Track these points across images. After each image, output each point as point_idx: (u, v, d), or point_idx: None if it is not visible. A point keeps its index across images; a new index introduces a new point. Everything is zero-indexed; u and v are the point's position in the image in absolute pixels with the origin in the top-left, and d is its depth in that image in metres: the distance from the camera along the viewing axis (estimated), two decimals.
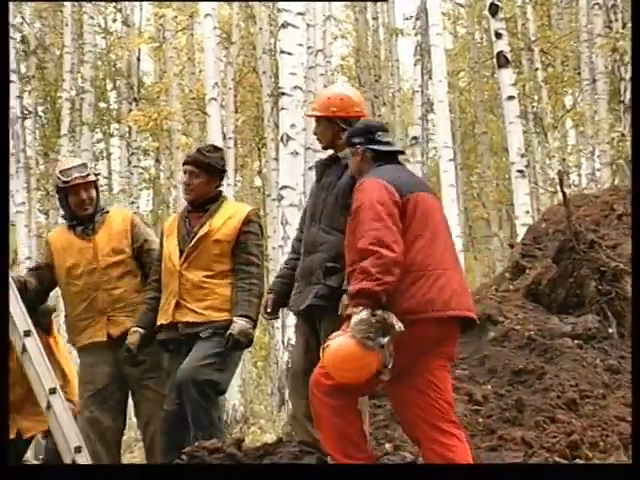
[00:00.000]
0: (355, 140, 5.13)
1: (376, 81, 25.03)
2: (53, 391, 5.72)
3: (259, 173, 26.65)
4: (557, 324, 7.47)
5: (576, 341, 7.21)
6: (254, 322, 5.75)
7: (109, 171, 26.46)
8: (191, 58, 22.90)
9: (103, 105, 24.97)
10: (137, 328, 5.83)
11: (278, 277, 5.67)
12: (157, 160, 26.33)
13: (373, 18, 25.52)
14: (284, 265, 5.79)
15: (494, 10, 15.05)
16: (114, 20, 24.78)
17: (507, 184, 23.07)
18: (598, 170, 19.29)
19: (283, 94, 10.15)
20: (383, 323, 4.54)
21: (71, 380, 6.66)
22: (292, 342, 6.97)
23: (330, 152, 5.58)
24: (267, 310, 5.55)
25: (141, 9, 24.82)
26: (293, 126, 9.94)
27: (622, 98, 16.04)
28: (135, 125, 21.24)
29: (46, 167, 23.47)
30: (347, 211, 5.14)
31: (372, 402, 6.31)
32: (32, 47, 22.92)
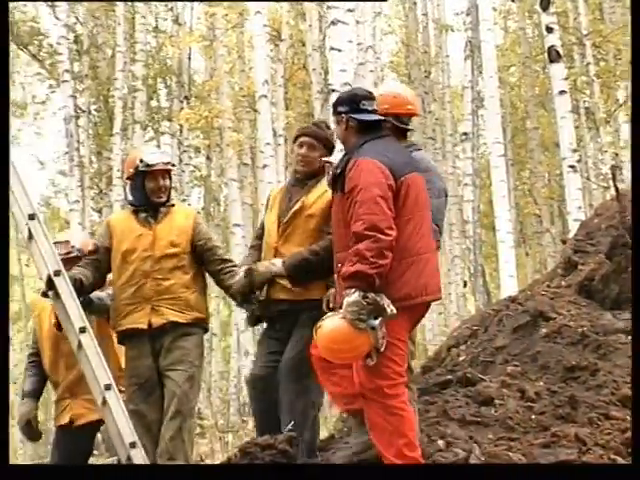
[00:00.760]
0: (340, 109, 5.18)
1: (426, 77, 24.94)
2: (108, 387, 5.78)
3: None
4: (610, 320, 7.40)
5: (630, 337, 7.15)
6: None
7: None
8: (241, 56, 22.95)
9: (154, 103, 25.15)
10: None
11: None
12: (208, 158, 26.45)
13: (423, 14, 25.41)
14: None
15: (545, 4, 14.94)
16: (165, 19, 24.93)
17: (559, 180, 22.87)
18: None
19: (333, 91, 10.14)
20: (375, 305, 4.63)
21: None
22: None
23: None
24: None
25: (192, 8, 24.97)
26: None
27: None
28: (186, 123, 21.36)
29: (99, 165, 23.67)
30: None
31: (424, 399, 6.32)
32: (85, 47, 23.15)
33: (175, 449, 5.82)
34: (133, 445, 5.76)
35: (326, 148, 5.90)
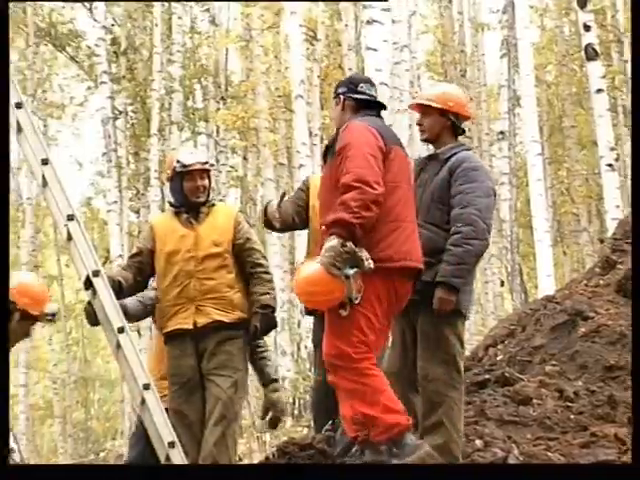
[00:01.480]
0: (339, 90, 5.27)
1: (462, 76, 24.83)
2: (147, 387, 5.82)
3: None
4: None
5: None
6: None
7: None
8: (277, 56, 23.00)
9: (191, 104, 25.24)
10: None
11: None
12: (244, 158, 26.49)
13: (459, 13, 25.28)
14: None
15: (583, 2, 14.86)
16: (202, 20, 25.03)
17: (596, 178, 22.73)
18: None
19: None
20: (352, 255, 4.65)
21: None
22: None
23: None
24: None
25: (228, 8, 25.04)
26: None
27: None
28: (223, 124, 21.43)
29: (137, 166, 23.81)
30: (443, 206, 5.20)
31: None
32: (123, 48, 23.29)
33: (219, 454, 5.82)
34: (172, 445, 5.79)
35: None
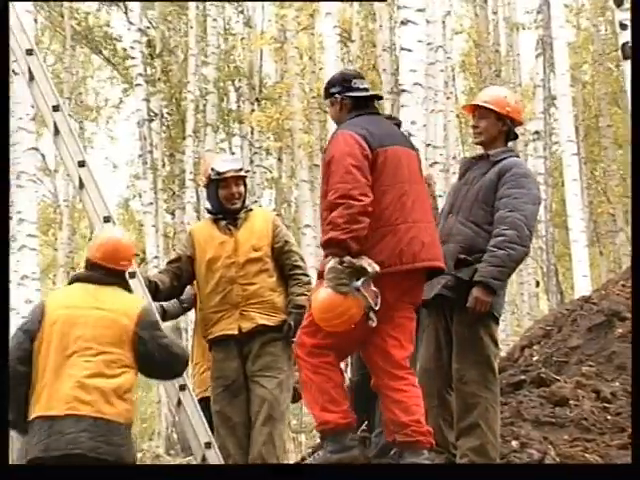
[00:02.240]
0: (333, 90, 5.26)
1: (497, 76, 24.74)
2: (183, 387, 5.86)
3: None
4: None
5: None
6: None
7: None
8: (312, 57, 23.04)
9: (225, 106, 25.33)
10: None
11: None
12: (279, 159, 26.56)
13: (493, 13, 25.21)
14: None
15: (619, 0, 14.75)
16: (236, 22, 25.10)
17: None
18: None
19: (403, 91, 10.14)
20: (353, 267, 4.69)
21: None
22: None
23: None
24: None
25: (263, 10, 25.11)
26: (413, 123, 9.91)
27: None
28: (257, 125, 21.48)
29: (172, 168, 23.92)
30: (487, 207, 5.19)
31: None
32: (158, 50, 23.41)
33: (268, 454, 5.84)
34: (208, 445, 5.82)
35: None
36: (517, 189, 5.24)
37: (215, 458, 5.78)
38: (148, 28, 23.94)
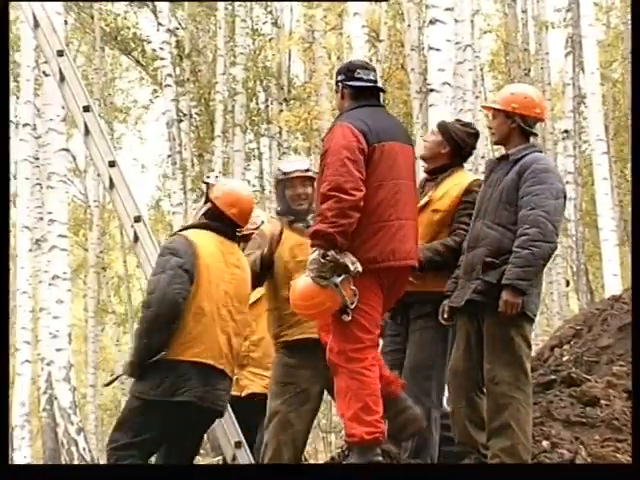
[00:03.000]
0: (338, 78, 5.32)
1: (526, 75, 24.62)
2: None
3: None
4: None
5: None
6: None
7: (260, 171, 26.84)
8: (340, 57, 23.02)
9: (254, 106, 25.38)
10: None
11: (452, 279, 5.58)
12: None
13: (522, 11, 25.08)
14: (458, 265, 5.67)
15: None
16: (264, 22, 25.15)
17: None
18: None
19: (432, 90, 10.12)
20: (336, 263, 4.76)
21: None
22: None
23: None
24: (444, 317, 5.49)
25: (291, 10, 25.14)
26: None
27: None
28: (285, 125, 21.50)
29: (201, 168, 23.99)
30: (511, 207, 5.18)
31: None
32: (187, 51, 23.49)
33: None
34: (239, 445, 5.85)
35: (452, 143, 5.92)
36: (537, 185, 5.20)
37: (245, 457, 5.80)
38: (177, 29, 24.05)
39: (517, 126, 5.43)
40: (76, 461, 10.75)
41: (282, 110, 22.65)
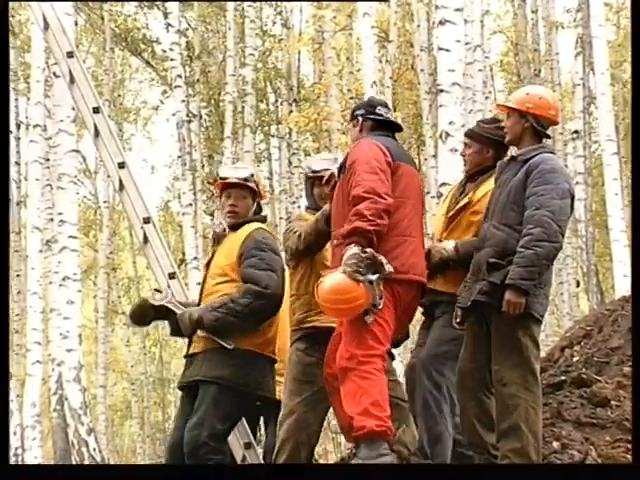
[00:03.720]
0: (357, 112, 5.53)
1: (536, 75, 24.61)
2: None
3: (418, 171, 26.60)
4: None
5: None
6: None
7: (270, 172, 26.86)
8: (349, 58, 23.02)
9: (263, 107, 25.39)
10: None
11: (464, 281, 5.55)
12: None
13: (532, 12, 25.06)
14: None
15: None
16: (274, 23, 25.15)
17: None
18: None
19: (441, 91, 10.11)
20: (373, 260, 4.85)
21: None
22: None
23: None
24: (457, 321, 5.47)
25: (300, 11, 25.15)
26: (452, 123, 9.88)
27: None
28: (295, 126, 21.50)
29: (211, 169, 24.01)
30: (518, 207, 5.18)
31: None
32: (197, 52, 23.51)
33: None
34: (248, 446, 5.85)
35: (493, 144, 5.89)
36: (543, 185, 5.19)
37: (255, 458, 5.80)
38: (187, 30, 24.08)
39: (530, 126, 5.42)
40: (86, 461, 10.81)
41: (292, 111, 22.65)
